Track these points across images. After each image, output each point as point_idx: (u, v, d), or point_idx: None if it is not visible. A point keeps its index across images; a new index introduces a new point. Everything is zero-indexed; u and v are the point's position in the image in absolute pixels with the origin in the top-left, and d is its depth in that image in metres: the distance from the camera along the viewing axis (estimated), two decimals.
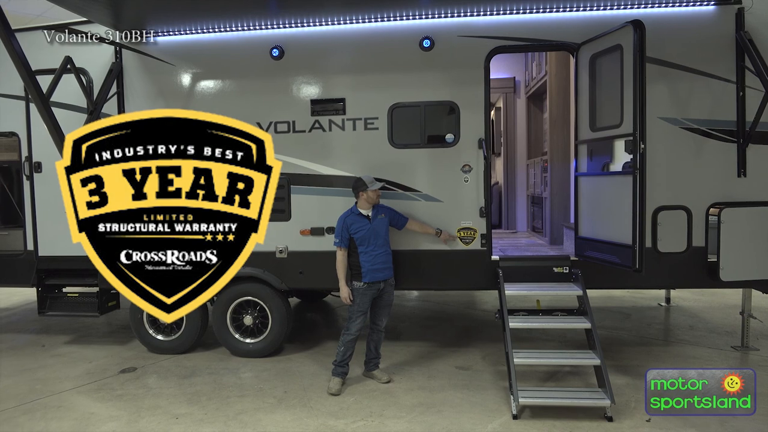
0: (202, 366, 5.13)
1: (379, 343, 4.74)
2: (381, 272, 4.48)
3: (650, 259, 4.43)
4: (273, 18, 4.94)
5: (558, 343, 5.61)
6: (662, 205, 4.64)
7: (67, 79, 4.91)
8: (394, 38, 4.93)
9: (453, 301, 7.72)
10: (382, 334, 4.73)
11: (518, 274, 4.80)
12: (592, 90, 4.69)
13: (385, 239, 4.54)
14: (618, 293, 7.75)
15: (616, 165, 5.05)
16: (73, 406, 4.33)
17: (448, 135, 4.92)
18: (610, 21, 4.57)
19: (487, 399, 4.27)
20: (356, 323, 4.50)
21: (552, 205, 6.26)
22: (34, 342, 6.14)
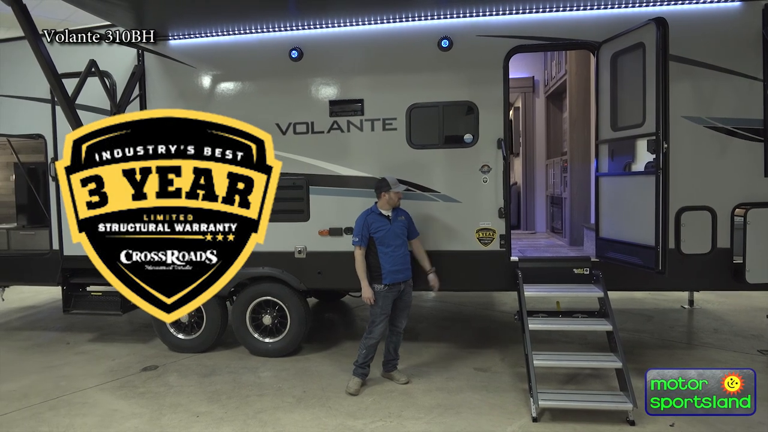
0: (222, 365, 5.18)
1: (398, 344, 4.72)
2: (401, 273, 4.47)
3: (673, 261, 4.35)
4: (292, 20, 4.98)
5: (578, 345, 5.54)
6: (686, 205, 4.55)
7: (91, 82, 5.01)
8: (412, 38, 4.93)
9: (470, 302, 7.68)
10: (401, 335, 4.71)
11: (538, 275, 4.76)
12: (614, 89, 4.62)
13: (404, 240, 4.54)
14: (639, 295, 7.62)
15: (638, 165, 4.97)
16: (97, 402, 4.41)
17: (466, 135, 4.89)
18: (631, 19, 4.51)
19: (506, 401, 4.24)
20: (379, 327, 4.49)
21: (572, 206, 6.19)
22: (59, 339, 6.27)
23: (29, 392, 4.65)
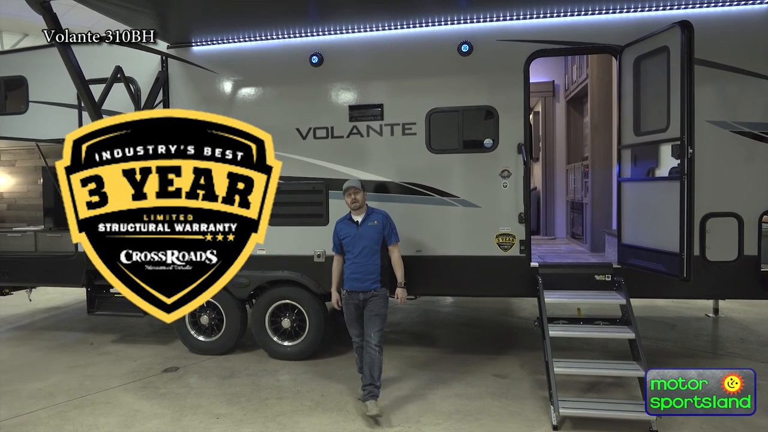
0: (241, 367, 5.23)
1: (373, 365, 4.10)
2: (359, 281, 4.20)
3: (698, 268, 4.26)
4: (313, 26, 5.03)
5: (600, 353, 5.46)
6: (711, 211, 4.47)
7: (116, 88, 5.12)
8: (432, 43, 4.93)
9: (488, 307, 7.62)
10: (376, 353, 4.11)
11: (558, 281, 4.71)
12: (637, 93, 4.56)
13: (372, 248, 4.21)
14: (661, 303, 7.48)
15: (662, 170, 4.89)
16: (120, 402, 4.49)
17: (486, 140, 4.88)
18: (654, 22, 4.46)
19: (526, 408, 4.19)
20: (352, 329, 4.35)
21: (593, 211, 6.12)
22: (83, 340, 6.40)
23: (55, 391, 4.75)
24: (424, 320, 7.12)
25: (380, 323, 4.19)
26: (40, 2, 4.09)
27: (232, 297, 5.42)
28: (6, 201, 7.66)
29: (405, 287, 4.34)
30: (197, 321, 5.61)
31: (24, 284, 6.76)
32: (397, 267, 4.34)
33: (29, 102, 6.04)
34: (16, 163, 7.57)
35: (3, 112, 6.18)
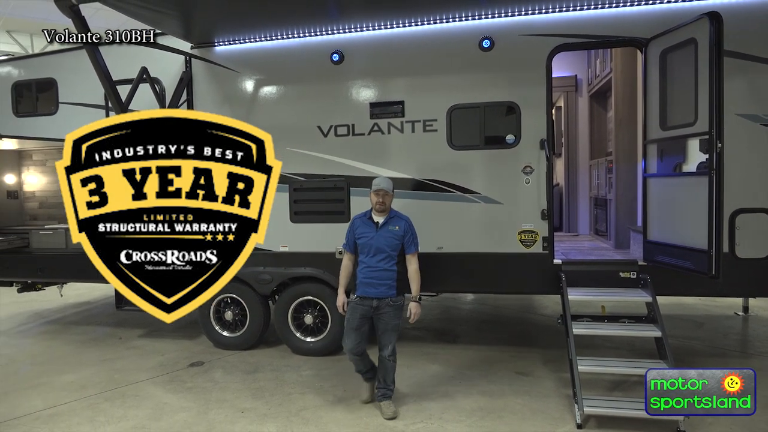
0: (265, 362, 5.30)
1: (387, 374, 4.08)
2: (373, 287, 3.94)
3: (727, 265, 4.16)
4: (333, 24, 5.05)
5: (625, 351, 5.38)
6: (741, 207, 4.36)
7: (142, 88, 5.23)
8: (453, 39, 4.91)
9: (511, 304, 7.58)
10: (391, 363, 4.06)
11: (582, 278, 4.65)
12: (663, 87, 4.47)
13: (389, 254, 3.97)
14: (688, 300, 7.33)
15: (689, 165, 4.79)
16: (149, 395, 4.60)
17: (508, 136, 4.84)
18: (680, 14, 4.36)
19: (550, 406, 4.17)
20: (347, 340, 4.01)
21: (617, 208, 6.02)
22: (112, 334, 6.57)
23: (87, 383, 4.89)
24: (446, 317, 7.12)
25: (395, 337, 4.04)
26: (69, 6, 4.20)
27: (255, 293, 5.50)
28: (38, 199, 7.89)
29: (420, 302, 4.07)
30: (222, 317, 5.71)
31: (56, 280, 6.95)
32: (414, 280, 4.04)
33: (59, 103, 6.21)
34: (47, 162, 7.79)
35: (34, 113, 6.36)
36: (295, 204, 5.33)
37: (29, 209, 7.88)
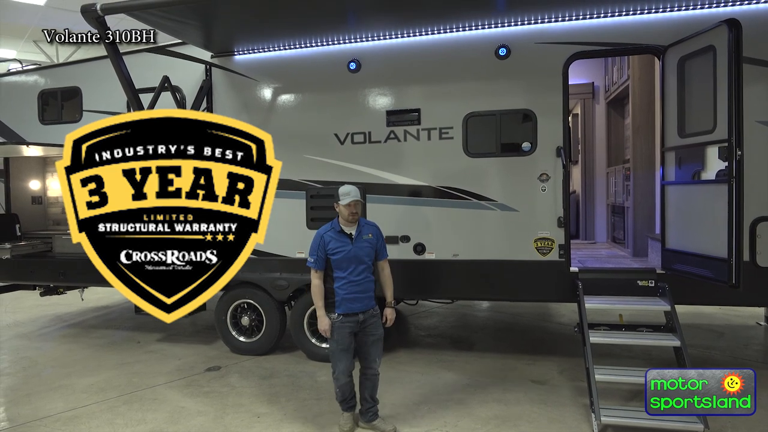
0: (281, 368, 5.34)
1: (374, 389, 3.92)
2: (358, 301, 3.73)
3: (748, 274, 4.10)
4: (350, 32, 5.11)
5: (642, 360, 5.31)
6: (762, 215, 4.30)
7: (163, 96, 5.35)
8: (469, 48, 4.94)
9: (527, 312, 7.52)
10: (376, 378, 3.91)
11: (599, 286, 4.62)
12: (681, 94, 4.44)
13: (368, 264, 3.79)
14: (708, 310, 7.21)
15: (708, 173, 4.75)
16: (166, 399, 4.66)
17: (524, 143, 4.84)
18: (699, 21, 4.34)
19: (566, 415, 4.13)
20: (340, 366, 3.79)
21: (635, 215, 5.97)
22: (130, 338, 6.67)
23: (106, 387, 4.97)
24: (461, 324, 7.09)
25: (381, 346, 3.92)
26: (95, 18, 4.32)
27: (271, 299, 5.55)
28: (61, 205, 8.06)
29: (394, 307, 3.98)
30: (238, 322, 5.77)
31: (77, 284, 7.09)
32: (387, 285, 3.95)
33: (83, 111, 6.37)
34: None
35: (59, 121, 6.53)
36: (312, 210, 5.38)
37: (52, 214, 8.05)
